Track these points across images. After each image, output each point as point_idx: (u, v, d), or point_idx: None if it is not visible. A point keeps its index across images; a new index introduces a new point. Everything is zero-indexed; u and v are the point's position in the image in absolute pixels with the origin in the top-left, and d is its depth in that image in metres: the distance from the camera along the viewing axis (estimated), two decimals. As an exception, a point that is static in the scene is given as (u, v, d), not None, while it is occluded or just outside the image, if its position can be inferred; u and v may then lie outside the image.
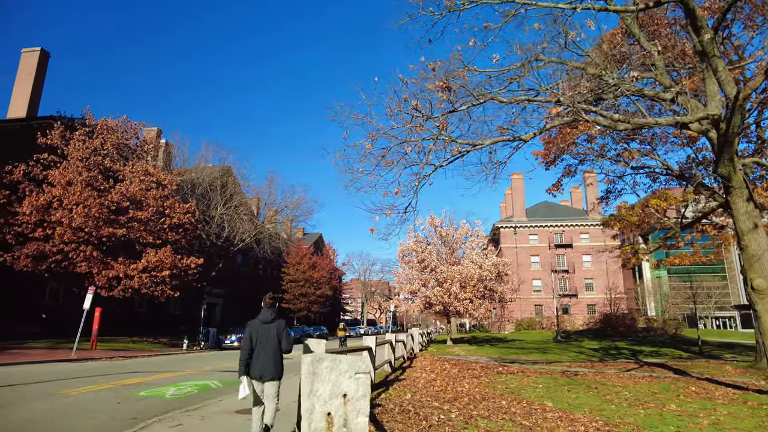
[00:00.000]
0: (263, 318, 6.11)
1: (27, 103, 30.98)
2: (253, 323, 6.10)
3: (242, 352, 5.90)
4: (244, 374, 5.80)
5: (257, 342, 5.91)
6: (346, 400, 2.02)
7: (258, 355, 5.86)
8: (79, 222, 21.65)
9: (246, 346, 5.89)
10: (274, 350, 5.92)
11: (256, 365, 5.85)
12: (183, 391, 10.19)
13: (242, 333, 21.58)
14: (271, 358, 5.88)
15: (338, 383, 2.02)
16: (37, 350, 20.42)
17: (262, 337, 5.94)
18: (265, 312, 6.17)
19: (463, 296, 29.28)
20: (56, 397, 9.07)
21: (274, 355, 5.91)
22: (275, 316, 6.19)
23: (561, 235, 60.90)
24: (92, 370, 14.23)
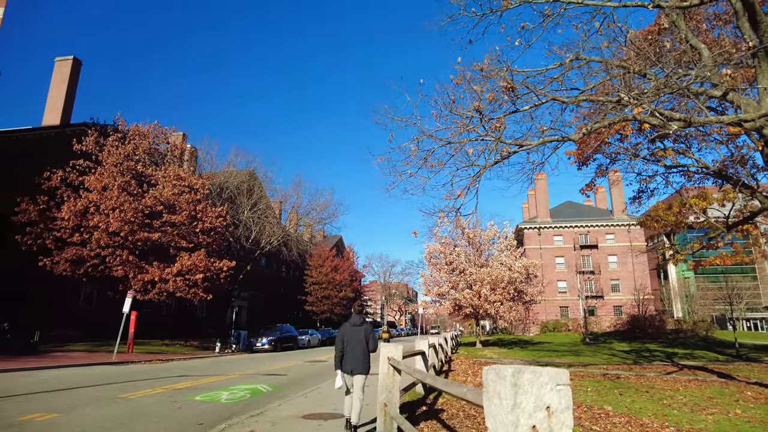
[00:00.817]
0: (353, 321, 7.00)
1: (60, 110, 31.63)
2: (344, 326, 7.01)
3: (336, 350, 6.86)
4: (339, 368, 6.77)
5: (347, 342, 6.78)
6: (550, 413, 1.90)
7: (348, 353, 6.73)
8: (115, 226, 21.94)
9: (339, 345, 6.83)
10: (362, 349, 6.75)
11: (347, 361, 6.73)
12: (237, 396, 10.18)
13: (272, 336, 21.68)
14: (360, 356, 6.71)
15: (541, 395, 1.91)
16: (77, 353, 20.73)
17: (351, 338, 6.79)
18: (355, 317, 7.08)
19: (493, 298, 28.97)
20: (117, 401, 9.12)
21: (363, 353, 6.73)
22: (363, 320, 7.03)
23: (586, 235, 60.07)
24: (138, 373, 14.35)
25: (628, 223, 59.29)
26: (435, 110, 13.01)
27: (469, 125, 11.84)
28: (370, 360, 6.86)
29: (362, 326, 6.94)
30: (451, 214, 11.63)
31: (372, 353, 6.87)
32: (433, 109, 13.08)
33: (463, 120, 12.14)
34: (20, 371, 13.78)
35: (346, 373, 6.76)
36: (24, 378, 12.19)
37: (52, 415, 7.65)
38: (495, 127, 11.35)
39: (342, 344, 6.83)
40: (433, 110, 13.00)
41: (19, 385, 10.86)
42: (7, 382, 11.34)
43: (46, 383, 11.25)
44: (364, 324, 6.98)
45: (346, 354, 6.76)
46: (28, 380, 11.77)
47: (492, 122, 11.04)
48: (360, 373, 6.68)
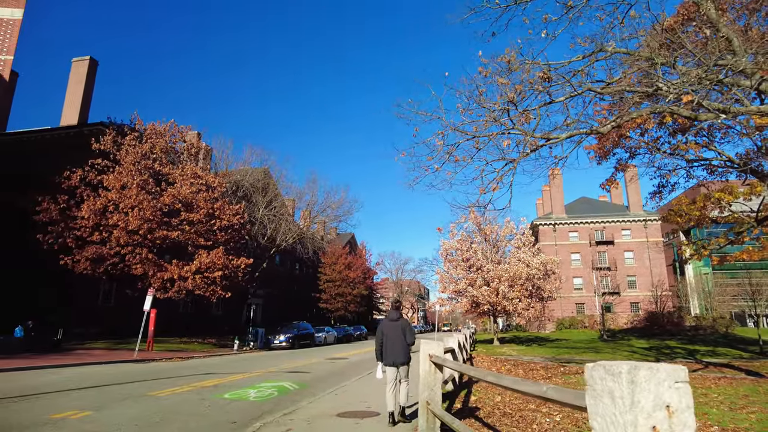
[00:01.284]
0: (391, 317, 7.47)
1: (78, 110, 31.86)
2: (383, 321, 7.49)
3: (376, 344, 7.39)
4: (380, 360, 7.26)
5: (387, 336, 7.25)
6: (671, 412, 1.73)
7: (389, 346, 7.19)
8: (135, 225, 22.04)
9: (378, 339, 7.34)
10: (401, 342, 7.19)
11: (388, 354, 7.19)
12: (265, 394, 10.10)
13: (290, 333, 21.62)
14: (399, 348, 7.18)
15: (659, 393, 1.74)
16: (99, 351, 20.87)
17: (390, 332, 7.26)
18: (393, 313, 7.54)
19: (512, 295, 28.70)
20: (146, 399, 9.08)
21: (402, 345, 7.19)
22: (400, 315, 7.49)
23: (602, 231, 59.36)
24: (161, 371, 14.36)
25: (645, 218, 58.52)
26: (461, 103, 12.81)
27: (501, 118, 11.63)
28: (409, 351, 7.32)
29: (399, 322, 7.38)
30: (481, 209, 11.41)
31: (410, 346, 7.30)
32: (459, 103, 12.89)
33: (491, 113, 11.94)
34: (47, 368, 13.87)
35: (387, 365, 7.20)
36: (52, 375, 12.24)
37: (85, 412, 7.61)
38: (525, 120, 11.14)
39: (381, 338, 7.32)
40: (459, 104, 12.81)
41: (48, 382, 10.89)
42: (36, 379, 11.38)
43: (73, 381, 11.27)
44: (401, 319, 7.42)
45: (386, 347, 7.23)
46: (55, 377, 11.81)
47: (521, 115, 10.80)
48: (402, 363, 7.22)
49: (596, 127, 12.42)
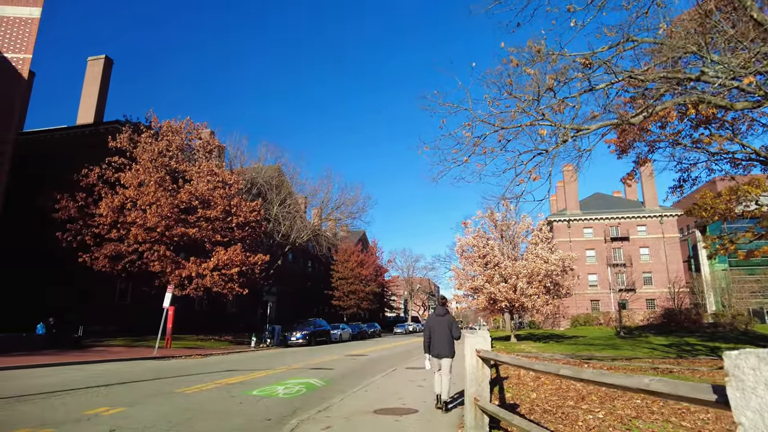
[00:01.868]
0: (438, 312, 7.96)
1: (94, 109, 31.98)
2: (430, 317, 8.02)
3: (424, 338, 8.00)
4: (427, 352, 7.86)
5: (433, 331, 7.77)
6: None
7: (436, 340, 7.71)
8: (153, 222, 22.02)
9: (426, 333, 7.95)
10: (447, 336, 7.64)
11: (434, 347, 7.71)
12: (292, 390, 9.94)
13: (306, 330, 21.53)
14: (445, 342, 7.62)
15: None
16: (118, 348, 20.89)
17: (437, 327, 7.74)
18: (439, 308, 8.07)
19: (530, 292, 28.34)
20: (175, 396, 8.96)
21: (447, 339, 7.63)
22: (446, 311, 7.98)
23: (617, 227, 58.67)
24: (183, 368, 14.28)
25: (661, 214, 57.74)
26: (488, 94, 12.57)
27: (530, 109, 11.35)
28: (454, 345, 7.75)
29: (445, 317, 7.87)
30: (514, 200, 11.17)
31: (456, 340, 7.78)
32: (486, 93, 12.65)
33: (521, 102, 11.67)
34: (71, 365, 13.84)
35: (434, 357, 7.76)
36: (78, 372, 12.19)
37: (117, 409, 7.49)
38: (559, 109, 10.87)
39: (429, 332, 7.90)
40: (486, 94, 12.57)
41: (75, 379, 10.82)
42: (63, 375, 11.33)
43: (100, 377, 11.19)
44: (446, 315, 7.91)
45: (432, 341, 7.79)
46: (82, 374, 11.75)
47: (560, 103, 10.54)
48: (446, 356, 7.60)
49: (627, 117, 12.11)
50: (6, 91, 22.55)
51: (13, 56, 23.00)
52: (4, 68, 22.90)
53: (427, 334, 7.93)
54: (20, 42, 23.19)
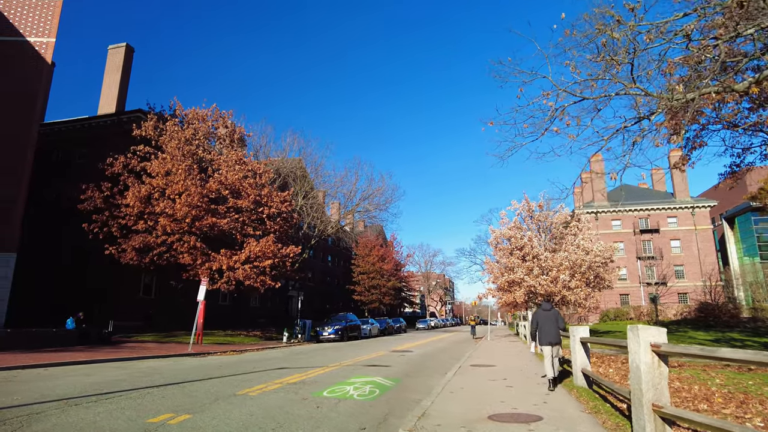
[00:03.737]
0: (544, 308, 9.30)
1: (116, 98, 31.07)
2: (538, 311, 9.28)
3: (531, 329, 9.56)
4: (534, 341, 9.53)
5: (541, 323, 9.13)
6: None
7: (543, 330, 9.08)
8: (183, 211, 21.00)
9: (533, 325, 9.31)
10: (554, 327, 9.06)
11: (543, 337, 9.03)
12: (364, 392, 8.77)
13: (338, 325, 20.40)
14: (553, 331, 9.02)
15: None
16: (150, 344, 19.92)
17: (544, 319, 9.13)
18: (546, 304, 9.40)
19: (573, 285, 26.91)
20: (238, 399, 7.81)
21: (555, 329, 9.05)
22: (551, 307, 9.33)
23: (646, 219, 56.81)
24: (228, 366, 13.20)
25: (693, 205, 55.78)
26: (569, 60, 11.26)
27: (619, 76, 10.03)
28: (560, 334, 9.13)
29: (551, 311, 9.24)
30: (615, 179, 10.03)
31: (562, 330, 9.22)
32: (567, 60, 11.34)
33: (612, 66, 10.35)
34: (109, 362, 12.84)
35: (543, 345, 9.02)
36: (120, 371, 11.14)
37: (182, 416, 6.36)
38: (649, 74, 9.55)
39: (536, 324, 9.28)
40: (566, 60, 11.26)
41: (120, 378, 9.75)
42: (105, 374, 10.27)
43: (145, 377, 10.12)
44: (553, 309, 9.30)
45: (541, 331, 9.12)
46: (125, 373, 10.69)
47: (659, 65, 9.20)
48: (555, 344, 8.97)
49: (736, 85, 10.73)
50: (30, 76, 21.63)
51: (36, 40, 22.07)
52: (28, 53, 21.98)
53: (534, 326, 9.32)
54: (43, 26, 22.25)
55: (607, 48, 10.12)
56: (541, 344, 9.03)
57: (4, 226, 20.21)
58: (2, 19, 22.14)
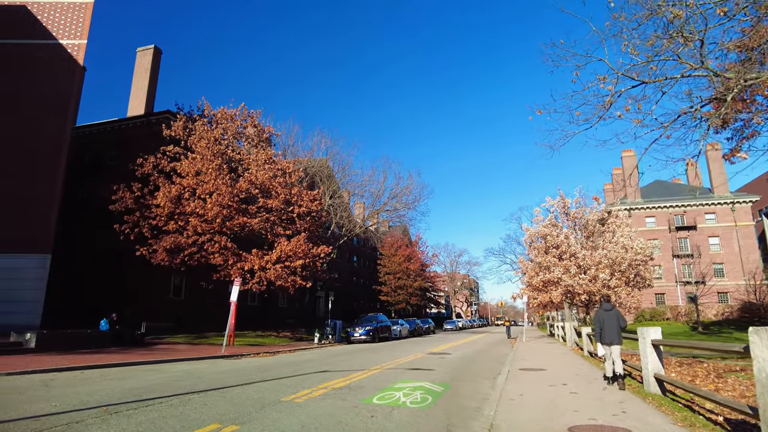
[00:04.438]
0: (605, 308, 9.44)
1: (144, 100, 31.17)
2: (599, 311, 9.49)
3: (595, 329, 9.58)
4: (599, 341, 9.38)
5: (603, 322, 9.28)
6: None
7: (605, 330, 9.23)
8: (214, 211, 20.73)
9: (597, 325, 9.47)
10: (616, 326, 9.14)
11: (605, 336, 9.21)
12: (417, 399, 8.15)
13: (369, 326, 19.81)
14: (615, 332, 9.13)
15: None
16: (181, 346, 19.70)
17: (606, 319, 9.26)
18: (606, 305, 9.53)
19: (613, 283, 25.84)
20: (285, 406, 7.29)
21: (617, 330, 9.12)
22: (612, 307, 9.43)
23: (682, 216, 54.77)
24: (265, 369, 12.74)
25: (733, 200, 53.51)
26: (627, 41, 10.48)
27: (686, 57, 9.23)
28: (621, 335, 9.23)
29: (613, 311, 9.40)
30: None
31: (623, 330, 9.28)
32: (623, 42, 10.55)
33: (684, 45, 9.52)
34: (143, 365, 12.53)
35: (605, 345, 9.26)
36: (155, 374, 10.77)
37: (230, 426, 5.85)
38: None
39: (599, 324, 9.45)
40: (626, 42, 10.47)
41: (158, 383, 9.35)
42: (142, 377, 9.90)
43: (183, 381, 9.71)
44: (613, 309, 9.44)
45: (603, 331, 9.30)
46: (160, 376, 10.31)
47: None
48: (617, 344, 9.12)
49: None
50: (63, 78, 21.69)
51: (69, 42, 22.14)
52: (60, 55, 22.05)
53: (597, 325, 9.49)
54: (75, 28, 22.30)
55: (674, 23, 9.31)
56: (603, 343, 9.27)
57: (39, 228, 20.27)
58: (36, 22, 22.28)
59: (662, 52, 9.77)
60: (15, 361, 11.88)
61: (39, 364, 11.24)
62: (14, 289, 19.48)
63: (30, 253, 20.26)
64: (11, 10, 22.36)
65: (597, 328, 9.41)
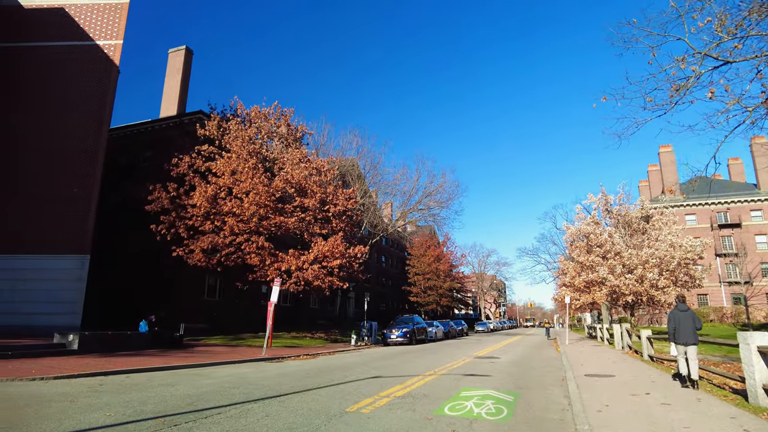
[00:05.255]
0: (680, 308, 9.52)
1: (177, 100, 31.20)
2: (674, 311, 9.55)
3: (669, 328, 9.61)
4: (673, 341, 9.55)
5: (678, 323, 9.39)
6: None
7: (680, 330, 9.33)
8: (251, 210, 20.37)
9: (671, 325, 9.52)
10: (692, 327, 9.27)
11: (680, 336, 9.34)
12: (491, 410, 7.42)
13: (405, 328, 19.08)
14: (690, 332, 9.27)
15: None
16: (219, 347, 19.37)
17: (681, 319, 9.37)
18: (681, 305, 9.57)
19: (662, 284, 24.57)
20: (352, 418, 6.67)
21: (692, 330, 9.26)
22: (687, 308, 9.51)
23: (725, 213, 52.52)
24: (315, 373, 12.19)
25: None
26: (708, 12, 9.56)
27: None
28: (697, 335, 9.25)
29: (688, 312, 9.41)
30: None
31: (698, 330, 9.30)
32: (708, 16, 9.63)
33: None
34: (188, 368, 12.13)
35: (680, 345, 9.33)
36: (202, 379, 10.31)
37: (303, 443, 5.25)
38: None
39: (674, 324, 9.45)
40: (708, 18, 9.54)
41: (206, 389, 8.86)
42: (190, 382, 9.44)
43: (234, 388, 9.19)
44: (689, 310, 9.44)
45: (678, 331, 9.33)
46: (209, 382, 9.83)
47: None
48: (693, 344, 9.18)
49: None
50: (100, 79, 21.67)
51: (105, 43, 22.12)
52: (98, 56, 22.04)
53: (672, 325, 9.50)
54: (111, 28, 22.27)
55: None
56: (678, 343, 9.39)
57: (78, 229, 20.25)
58: (73, 24, 22.34)
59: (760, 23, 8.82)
60: (60, 363, 11.61)
61: (84, 367, 10.92)
62: (55, 289, 19.49)
63: (69, 254, 20.25)
64: (50, 12, 22.47)
65: (671, 328, 9.49)
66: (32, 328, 18.35)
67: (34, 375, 9.44)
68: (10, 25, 22.11)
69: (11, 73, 21.76)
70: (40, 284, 19.44)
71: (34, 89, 21.76)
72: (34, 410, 6.50)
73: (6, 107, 21.38)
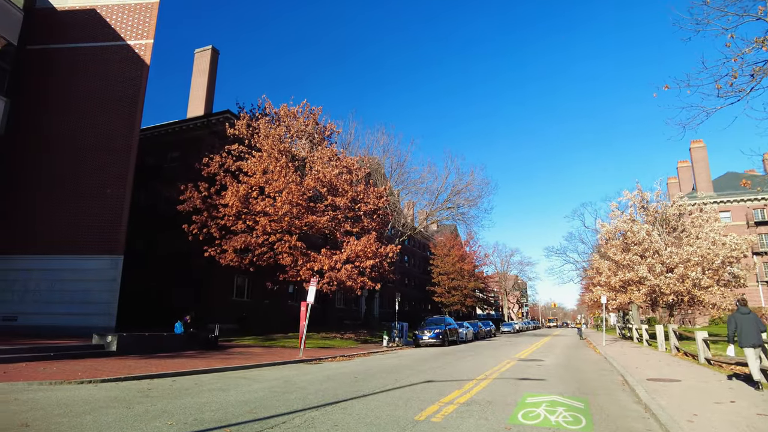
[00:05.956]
0: (742, 311, 9.62)
1: (204, 100, 31.15)
2: (736, 314, 9.64)
3: (729, 331, 9.60)
4: (732, 343, 9.74)
5: (740, 325, 9.44)
6: None
7: (743, 332, 9.37)
8: (284, 210, 20.09)
9: (731, 327, 9.55)
10: (756, 329, 9.31)
11: (744, 338, 9.33)
12: (567, 418, 6.91)
13: (437, 329, 18.54)
14: (754, 333, 9.29)
15: None
16: (255, 348, 19.15)
17: (743, 322, 9.44)
18: (742, 308, 9.71)
19: (705, 283, 23.63)
20: (424, 426, 6.22)
21: (756, 331, 9.29)
22: (749, 311, 9.61)
23: (762, 210, 50.82)
24: (361, 376, 11.79)
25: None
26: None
27: None
28: (761, 336, 9.25)
29: (750, 314, 9.50)
30: None
31: (763, 332, 9.31)
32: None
33: None
34: (231, 371, 11.86)
35: (745, 347, 9.26)
36: (249, 383, 9.98)
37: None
38: None
39: (734, 326, 9.48)
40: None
41: (256, 396, 8.50)
42: (237, 387, 9.10)
43: (290, 394, 8.81)
44: (750, 312, 9.53)
45: (741, 333, 9.35)
46: (258, 387, 9.49)
47: None
48: (759, 345, 9.24)
49: None
50: (131, 79, 21.62)
51: (136, 43, 22.06)
52: (127, 56, 22.00)
53: (732, 327, 9.48)
54: (142, 28, 22.21)
55: None
56: (743, 346, 9.29)
57: (112, 230, 20.21)
58: (105, 25, 22.34)
59: None
60: (103, 365, 11.42)
61: (129, 369, 10.70)
62: (90, 290, 19.47)
63: (103, 254, 20.21)
64: (81, 13, 22.52)
65: (731, 331, 9.49)
66: (69, 329, 18.34)
67: (82, 378, 9.22)
68: (44, 27, 22.21)
69: (45, 74, 21.85)
70: (76, 285, 19.44)
71: (66, 90, 21.81)
72: (92, 418, 6.20)
73: (38, 109, 21.47)
